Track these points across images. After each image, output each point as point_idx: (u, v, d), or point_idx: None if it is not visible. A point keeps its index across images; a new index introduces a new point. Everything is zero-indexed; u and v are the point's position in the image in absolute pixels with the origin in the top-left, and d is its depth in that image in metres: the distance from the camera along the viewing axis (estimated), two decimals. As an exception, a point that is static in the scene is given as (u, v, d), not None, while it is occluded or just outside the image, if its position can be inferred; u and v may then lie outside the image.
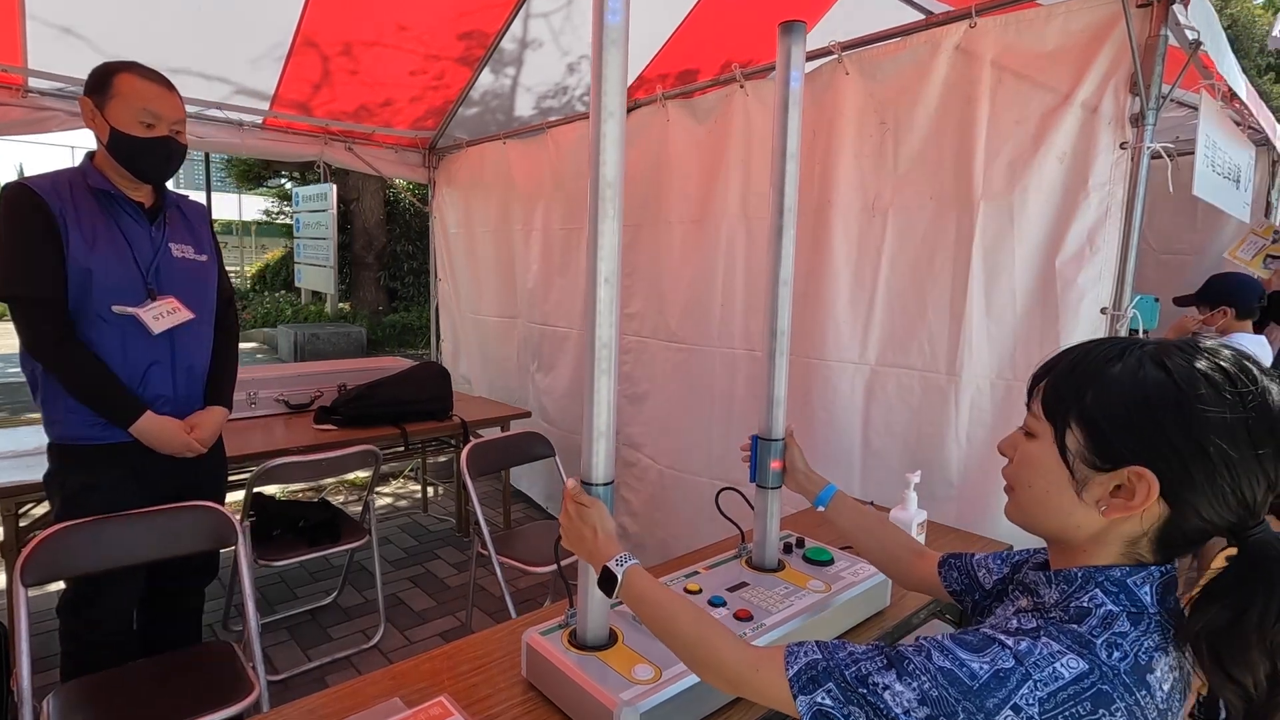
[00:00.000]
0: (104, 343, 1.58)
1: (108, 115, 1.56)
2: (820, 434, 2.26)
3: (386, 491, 4.19)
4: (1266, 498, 0.61)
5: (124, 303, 1.59)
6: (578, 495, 0.99)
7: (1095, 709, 0.58)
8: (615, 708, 0.90)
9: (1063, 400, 0.67)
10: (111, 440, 1.62)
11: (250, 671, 1.59)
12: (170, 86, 1.63)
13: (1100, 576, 0.65)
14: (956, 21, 1.84)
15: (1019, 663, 0.60)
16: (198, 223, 1.81)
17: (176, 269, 1.70)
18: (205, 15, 2.70)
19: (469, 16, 3.06)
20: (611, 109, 0.91)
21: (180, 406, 1.71)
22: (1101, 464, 0.64)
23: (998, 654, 0.61)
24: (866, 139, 2.08)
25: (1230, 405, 0.59)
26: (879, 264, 2.08)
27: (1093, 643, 0.61)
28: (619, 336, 3.42)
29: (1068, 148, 1.68)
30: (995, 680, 0.59)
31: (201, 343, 1.77)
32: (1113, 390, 0.63)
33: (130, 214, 1.63)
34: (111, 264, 1.58)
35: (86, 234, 1.56)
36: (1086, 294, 1.68)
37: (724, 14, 3.20)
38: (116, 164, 1.60)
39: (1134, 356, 0.64)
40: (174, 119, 1.62)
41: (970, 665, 0.61)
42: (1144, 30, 1.51)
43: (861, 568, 1.35)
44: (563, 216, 3.29)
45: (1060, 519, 0.68)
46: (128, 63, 1.60)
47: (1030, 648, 0.61)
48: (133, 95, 1.56)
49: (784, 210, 1.31)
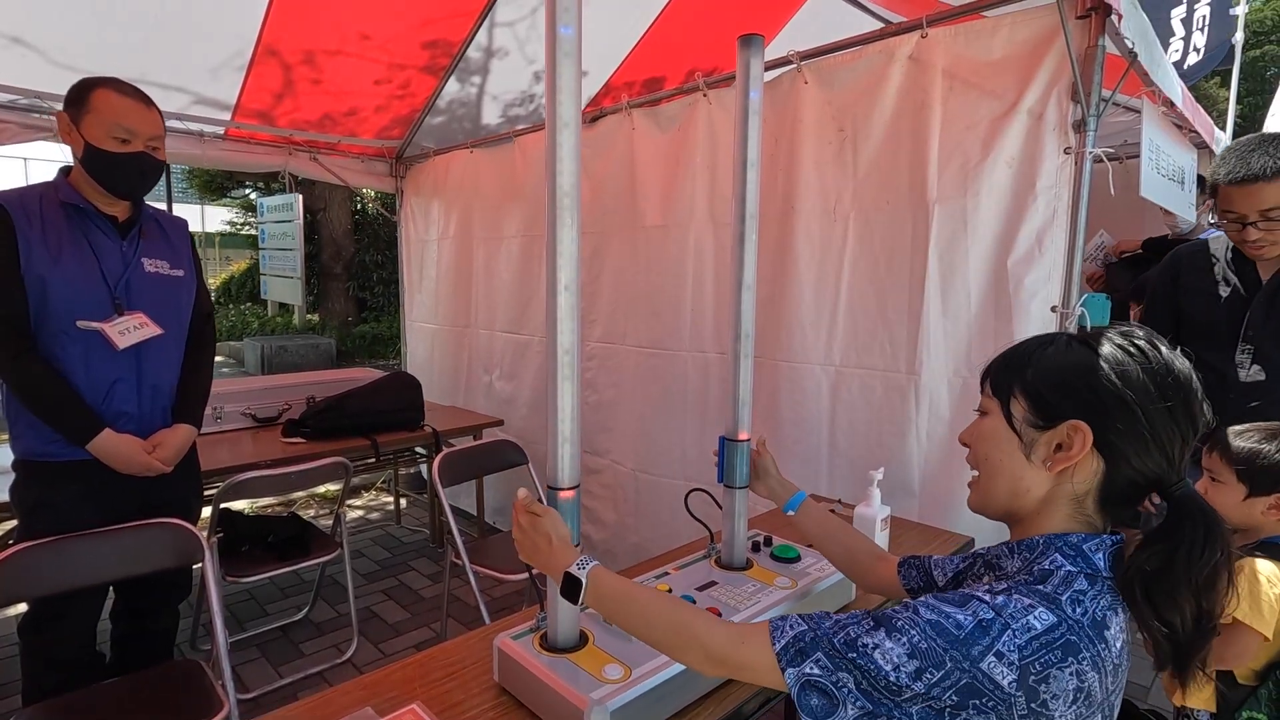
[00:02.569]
0: (67, 358, 1.56)
1: (83, 130, 1.55)
2: (789, 434, 2.30)
3: (358, 504, 4.14)
4: (1183, 452, 0.71)
5: (88, 317, 1.56)
6: (529, 505, 0.99)
7: (1065, 657, 0.64)
8: (586, 707, 0.91)
9: (1007, 377, 0.77)
10: (70, 457, 1.59)
11: (219, 689, 1.57)
12: (148, 102, 1.62)
13: (1059, 542, 0.73)
14: (909, 32, 1.90)
15: (998, 614, 0.65)
16: (177, 238, 1.79)
17: (148, 284, 1.68)
18: (162, 24, 2.66)
19: (433, 25, 3.06)
20: (566, 119, 0.93)
21: (144, 424, 1.69)
22: (1043, 423, 0.74)
23: (978, 607, 0.66)
24: (826, 145, 2.13)
25: (1141, 365, 0.71)
26: (841, 267, 2.13)
27: (1058, 599, 0.67)
28: (585, 345, 3.42)
29: (1016, 153, 1.75)
30: (979, 629, 0.64)
31: (170, 360, 1.75)
32: (1046, 364, 0.75)
33: (101, 228, 1.62)
34: (75, 278, 1.56)
35: (51, 247, 1.54)
36: (1037, 293, 1.74)
37: (688, 23, 3.25)
38: (90, 179, 1.59)
39: (1062, 339, 0.77)
40: (150, 135, 1.61)
41: (955, 616, 0.65)
42: (1082, 41, 1.58)
43: (827, 564, 1.38)
44: (533, 224, 3.31)
45: (1013, 483, 0.76)
46: (106, 78, 1.59)
47: (1006, 601, 0.66)
48: (108, 111, 1.56)
49: (746, 217, 1.34)
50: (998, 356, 0.82)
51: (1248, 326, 1.67)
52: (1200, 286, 1.77)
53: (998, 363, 0.81)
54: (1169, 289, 1.84)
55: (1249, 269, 1.70)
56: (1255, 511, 1.30)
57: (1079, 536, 0.72)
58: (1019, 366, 0.77)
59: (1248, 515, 1.31)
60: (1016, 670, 0.62)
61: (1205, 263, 1.79)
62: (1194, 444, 0.71)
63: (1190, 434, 0.71)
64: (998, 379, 0.79)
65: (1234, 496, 1.31)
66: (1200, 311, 1.76)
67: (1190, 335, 1.78)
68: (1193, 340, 1.78)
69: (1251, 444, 1.31)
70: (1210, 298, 1.75)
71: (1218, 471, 1.34)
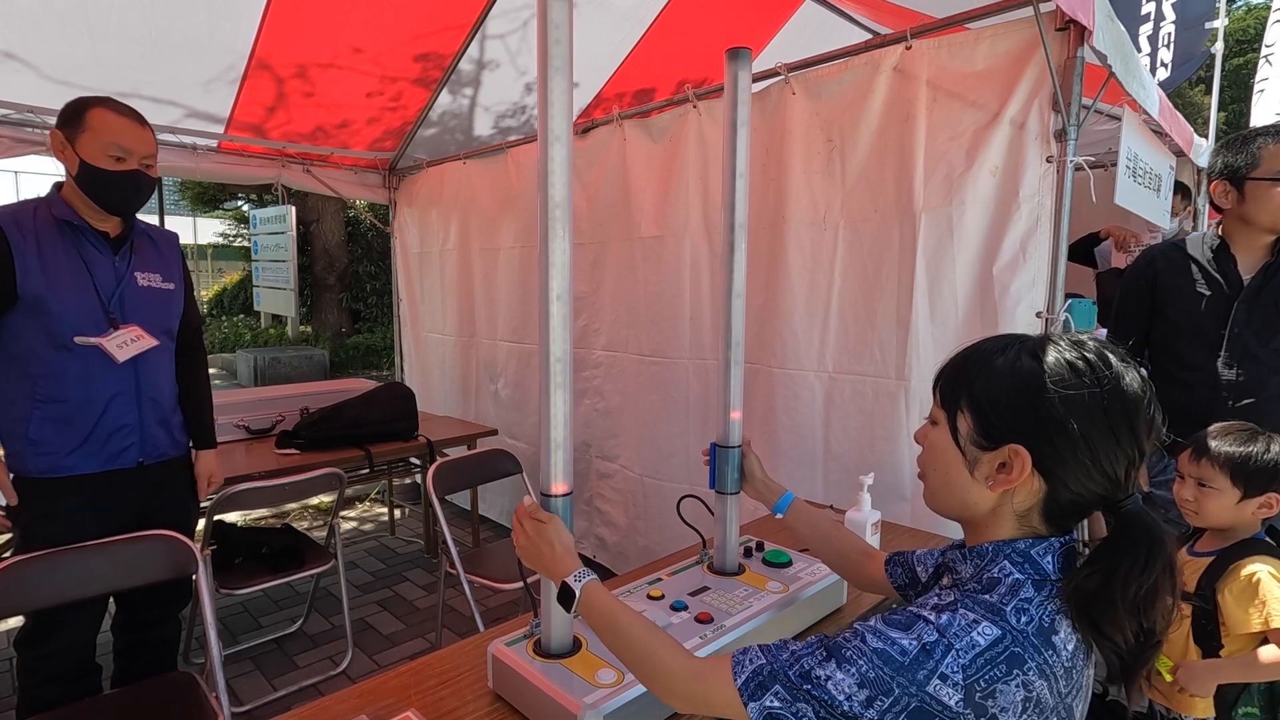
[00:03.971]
0: (67, 373, 1.59)
1: (78, 148, 1.57)
2: (784, 440, 2.32)
3: (352, 515, 4.13)
4: (1130, 472, 0.69)
5: (86, 333, 1.60)
6: (535, 512, 1.00)
7: (1010, 670, 0.64)
8: (579, 712, 0.92)
9: (955, 389, 0.75)
10: (68, 473, 1.61)
11: (214, 702, 1.56)
12: (142, 121, 1.65)
13: (1008, 549, 0.72)
14: (893, 44, 1.94)
15: (941, 635, 0.65)
16: (168, 251, 1.82)
17: (141, 298, 1.71)
18: (155, 39, 2.67)
19: (425, 39, 3.09)
20: (558, 133, 0.95)
21: (144, 434, 1.72)
22: (986, 444, 0.72)
23: (922, 629, 0.66)
24: (815, 155, 2.16)
25: (1089, 388, 0.68)
26: (832, 275, 2.16)
27: (1003, 610, 0.67)
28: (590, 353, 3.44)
29: (999, 162, 1.78)
30: (923, 654, 0.64)
31: (164, 371, 1.78)
32: (994, 379, 0.72)
33: (93, 244, 1.65)
34: (70, 294, 1.59)
35: (46, 265, 1.57)
36: (1022, 299, 1.77)
37: (678, 34, 3.29)
38: (85, 196, 1.61)
39: (1014, 349, 0.73)
40: (145, 153, 1.64)
41: (900, 643, 0.66)
42: (1061, 52, 1.62)
43: (818, 568, 1.39)
44: (525, 234, 3.33)
45: (959, 496, 0.76)
46: (101, 98, 1.62)
47: (950, 620, 0.66)
48: (104, 129, 1.58)
49: (735, 226, 1.37)
50: (950, 361, 0.79)
51: (1232, 325, 1.69)
52: (1180, 285, 1.79)
53: (948, 371, 0.78)
54: (1146, 286, 1.86)
55: (1231, 269, 1.72)
56: (1247, 513, 1.32)
57: (1027, 542, 0.72)
58: (967, 380, 0.74)
59: (1238, 517, 1.33)
60: (962, 690, 0.63)
61: (1183, 261, 1.80)
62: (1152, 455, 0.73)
63: (1138, 454, 0.69)
64: (946, 390, 0.77)
65: (1228, 500, 1.32)
66: (1182, 312, 1.78)
67: (1172, 335, 1.80)
68: (1176, 340, 1.78)
69: (1239, 447, 1.33)
70: (1191, 297, 1.76)
71: (1208, 478, 1.34)
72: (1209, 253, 1.76)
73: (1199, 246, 1.79)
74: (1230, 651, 1.30)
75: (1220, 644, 1.30)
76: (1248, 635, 1.27)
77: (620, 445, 2.98)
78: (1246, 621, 1.25)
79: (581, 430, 3.10)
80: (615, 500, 3.03)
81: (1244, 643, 1.28)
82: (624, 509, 3.00)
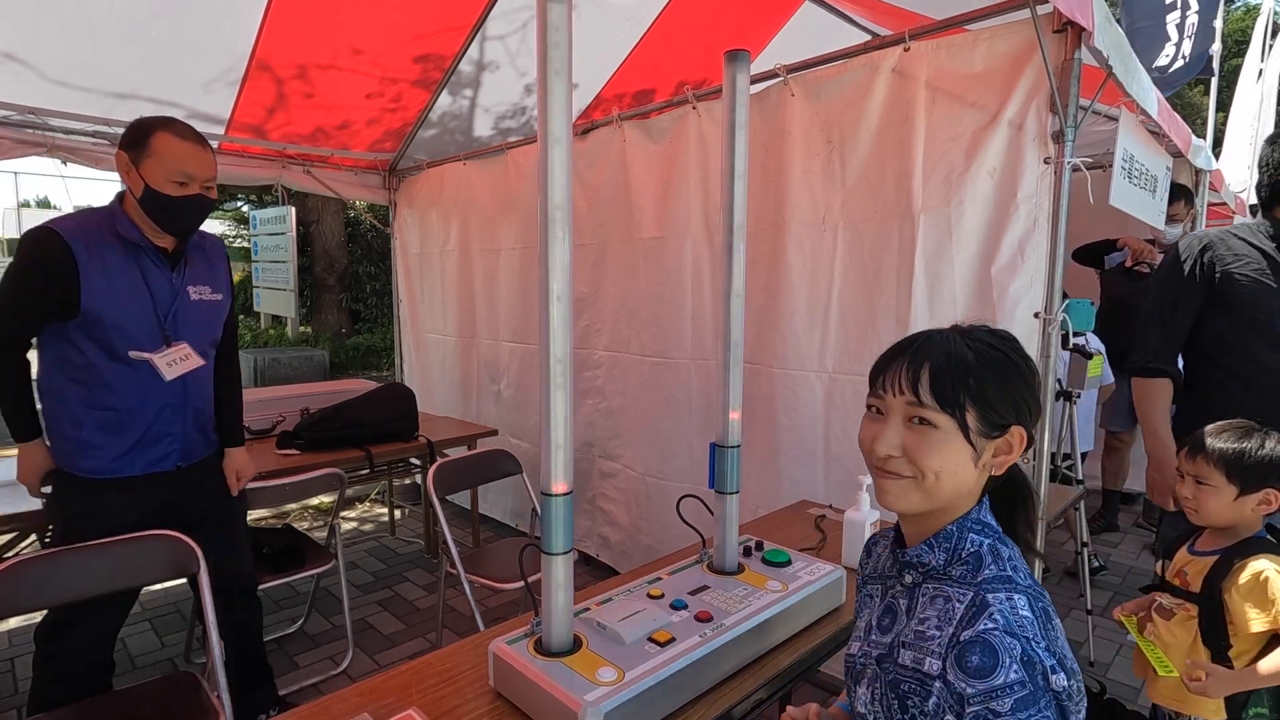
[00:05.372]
0: (122, 384, 1.65)
1: (143, 172, 1.61)
2: (785, 440, 2.33)
3: (352, 516, 4.14)
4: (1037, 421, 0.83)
5: (142, 348, 1.66)
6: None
7: (1049, 620, 0.73)
8: (579, 709, 0.93)
9: (954, 390, 0.77)
10: (114, 475, 1.67)
11: (215, 701, 1.57)
12: (204, 144, 1.69)
13: (966, 522, 0.80)
14: (892, 46, 1.94)
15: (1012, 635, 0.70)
16: (216, 260, 1.87)
17: (192, 311, 1.77)
18: (155, 40, 2.68)
19: (425, 40, 3.09)
20: (558, 135, 0.95)
21: (186, 443, 1.79)
22: (992, 433, 0.78)
23: (998, 645, 0.70)
24: (815, 156, 2.17)
25: (1027, 360, 0.81)
26: (832, 275, 2.17)
27: (1011, 577, 0.76)
28: (592, 353, 3.45)
29: (998, 163, 1.79)
30: (1028, 667, 0.69)
31: (209, 382, 1.85)
32: (983, 372, 0.77)
33: (153, 261, 1.70)
34: (129, 311, 1.64)
35: (109, 280, 1.62)
36: (1021, 300, 1.78)
37: (677, 35, 3.30)
38: (147, 218, 1.66)
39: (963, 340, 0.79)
40: (206, 177, 1.68)
41: (1010, 680, 0.68)
42: (1059, 54, 1.63)
43: (818, 567, 1.40)
44: (526, 235, 3.34)
45: (959, 488, 0.79)
46: (164, 119, 1.65)
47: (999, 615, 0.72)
48: (169, 155, 1.61)
49: (734, 228, 1.37)
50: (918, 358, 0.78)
51: None
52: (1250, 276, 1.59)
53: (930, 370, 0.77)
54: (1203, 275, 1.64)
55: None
56: (1245, 510, 1.32)
57: (974, 510, 0.80)
58: (960, 375, 0.76)
59: (1238, 514, 1.33)
60: (1060, 668, 0.69)
61: (1244, 250, 1.61)
62: None
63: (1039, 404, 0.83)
64: (941, 390, 0.76)
65: (1225, 498, 1.33)
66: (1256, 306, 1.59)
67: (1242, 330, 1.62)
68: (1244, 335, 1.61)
69: (1233, 444, 1.33)
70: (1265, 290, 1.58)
71: (1205, 475, 1.34)
72: (1270, 242, 1.59)
73: (1254, 236, 1.62)
74: (1239, 651, 1.29)
75: (1228, 643, 1.30)
76: (1256, 634, 1.27)
77: (622, 445, 2.99)
78: (1256, 620, 1.25)
79: (584, 430, 3.11)
80: (618, 500, 3.04)
81: (1253, 641, 1.28)
82: (627, 508, 3.01)
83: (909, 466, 0.79)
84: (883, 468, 0.81)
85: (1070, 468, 2.70)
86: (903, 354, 0.80)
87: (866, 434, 0.83)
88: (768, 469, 2.39)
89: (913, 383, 0.78)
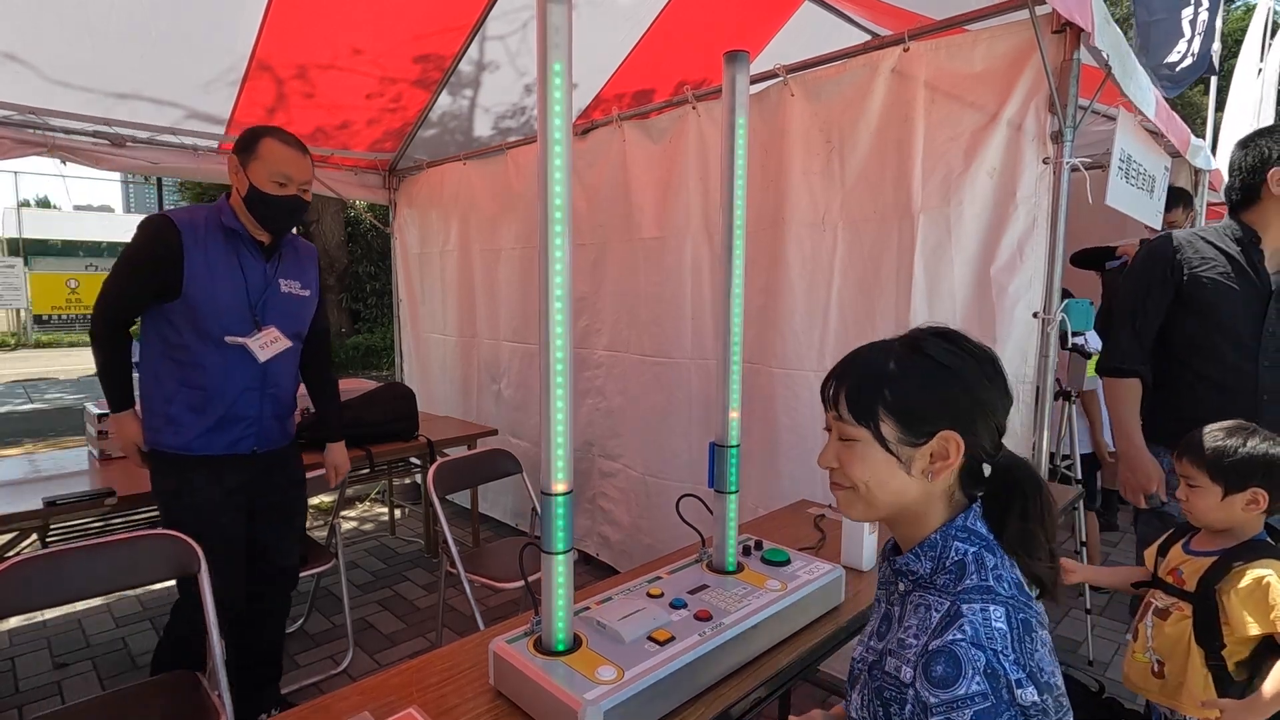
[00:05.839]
0: (212, 365, 1.78)
1: (249, 173, 1.77)
2: (785, 440, 2.33)
3: (352, 515, 4.14)
4: (1003, 421, 0.82)
5: (234, 332, 1.78)
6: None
7: (1028, 632, 0.72)
8: (580, 708, 0.93)
9: (867, 403, 0.79)
10: (195, 452, 1.79)
11: (215, 700, 1.57)
12: (304, 151, 1.83)
13: (950, 530, 0.80)
14: (892, 46, 1.95)
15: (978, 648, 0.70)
16: (307, 262, 2.00)
17: (281, 302, 1.88)
18: (156, 41, 2.68)
19: (425, 40, 3.10)
20: (558, 136, 0.96)
21: (261, 427, 1.88)
22: (916, 440, 0.78)
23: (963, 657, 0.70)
24: (814, 156, 2.17)
25: (966, 361, 0.79)
26: (831, 275, 2.17)
27: (991, 587, 0.75)
28: (592, 353, 3.45)
29: (997, 163, 1.79)
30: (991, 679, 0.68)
31: (290, 371, 1.96)
32: (902, 382, 0.78)
33: (250, 251, 1.83)
34: (226, 295, 1.78)
35: (211, 266, 1.76)
36: (1019, 300, 1.78)
37: (677, 35, 3.30)
38: (249, 214, 1.80)
39: (897, 350, 0.80)
40: (303, 180, 1.82)
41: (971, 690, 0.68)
42: (1058, 55, 1.63)
43: (817, 566, 1.40)
44: (526, 235, 3.34)
45: (898, 497, 0.80)
46: (272, 128, 1.81)
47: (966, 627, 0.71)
48: (272, 159, 1.76)
49: (733, 228, 1.37)
50: (843, 376, 0.82)
51: (1268, 323, 1.59)
52: (1213, 277, 1.62)
53: (847, 390, 0.80)
54: (1170, 277, 1.67)
55: (1259, 263, 1.60)
56: (1235, 510, 1.32)
57: (961, 517, 0.80)
58: (874, 388, 0.79)
59: (1229, 515, 1.33)
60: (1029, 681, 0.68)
61: (1210, 252, 1.64)
62: None
63: (1009, 397, 0.81)
64: (856, 404, 0.79)
65: (1212, 498, 1.33)
66: (1218, 307, 1.61)
67: (1207, 331, 1.65)
68: (1211, 336, 1.64)
69: (1217, 443, 1.33)
70: (1227, 291, 1.61)
71: (1192, 476, 1.35)
72: (1234, 245, 1.62)
73: (1220, 239, 1.64)
74: (1232, 652, 1.29)
75: (1222, 644, 1.30)
76: (1250, 637, 1.27)
77: (623, 444, 2.99)
78: (1254, 625, 1.25)
79: (584, 430, 3.11)
80: (618, 499, 3.04)
81: (1247, 645, 1.28)
82: (627, 508, 3.01)
83: (844, 478, 0.83)
84: (831, 480, 0.85)
85: (1069, 467, 2.71)
86: (832, 373, 0.84)
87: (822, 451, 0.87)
88: (767, 468, 2.39)
89: (834, 400, 0.82)
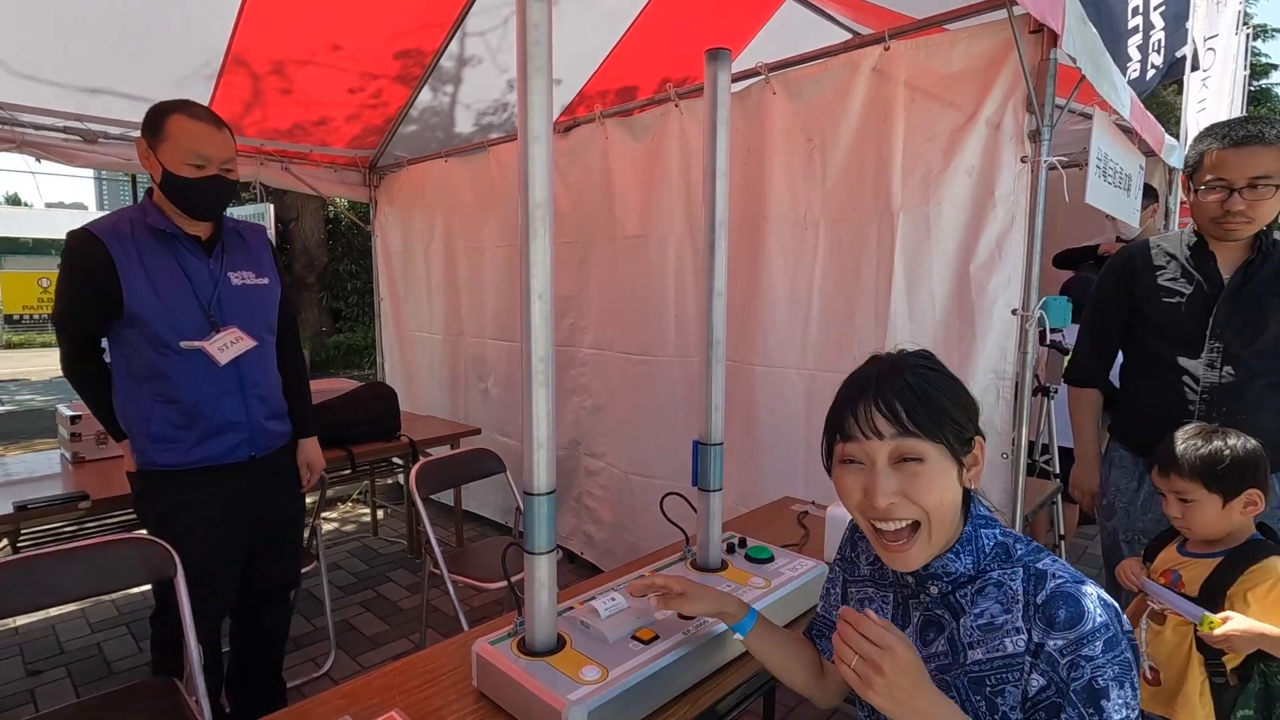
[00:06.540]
0: (178, 376, 1.66)
1: (160, 156, 1.61)
2: (766, 437, 2.34)
3: (334, 516, 4.10)
4: None
5: (190, 338, 1.66)
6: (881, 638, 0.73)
7: None
8: (563, 708, 0.93)
9: (933, 420, 0.79)
10: (191, 466, 1.70)
11: (193, 706, 1.55)
12: (220, 124, 1.67)
13: (974, 523, 0.84)
14: (872, 45, 1.96)
15: (1075, 580, 0.76)
16: (256, 246, 1.85)
17: (237, 297, 1.75)
18: (128, 35, 2.62)
19: (405, 35, 3.06)
20: (538, 133, 0.95)
21: (253, 430, 1.78)
22: (965, 448, 0.82)
23: (1076, 593, 0.75)
24: (796, 155, 2.18)
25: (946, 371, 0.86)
26: (812, 273, 2.18)
27: (1040, 547, 0.82)
28: (578, 351, 3.43)
29: (975, 162, 1.81)
30: (1104, 628, 0.73)
31: (267, 366, 1.83)
32: (949, 398, 0.82)
33: (189, 249, 1.69)
34: (173, 303, 1.65)
35: (149, 275, 1.63)
36: (998, 297, 1.80)
37: (660, 32, 3.29)
38: (170, 203, 1.66)
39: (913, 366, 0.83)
40: (223, 158, 1.66)
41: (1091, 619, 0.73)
42: (1035, 54, 1.65)
43: (800, 563, 1.41)
44: (510, 233, 3.32)
45: (953, 512, 0.82)
46: (180, 102, 1.64)
47: (1067, 575, 0.77)
48: (183, 137, 1.60)
49: (715, 225, 1.38)
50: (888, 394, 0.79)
51: (1213, 325, 1.61)
52: (1160, 284, 1.68)
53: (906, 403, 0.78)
54: (1125, 286, 1.74)
55: (1210, 267, 1.63)
56: (1234, 515, 1.29)
57: (973, 509, 0.85)
58: (939, 406, 0.79)
59: (1229, 521, 1.29)
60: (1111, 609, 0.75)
61: (1162, 259, 1.70)
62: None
63: None
64: (925, 424, 0.78)
65: (1212, 509, 1.29)
66: (1163, 313, 1.67)
67: (1152, 336, 1.71)
68: (1154, 341, 1.70)
69: (1200, 451, 1.30)
70: (1171, 296, 1.66)
71: (1185, 490, 1.30)
72: (1186, 251, 1.66)
73: (1177, 245, 1.69)
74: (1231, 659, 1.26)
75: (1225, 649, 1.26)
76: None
77: (607, 443, 2.99)
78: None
79: (570, 428, 3.11)
80: (602, 497, 3.04)
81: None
82: (610, 506, 3.01)
83: (909, 508, 0.78)
84: (887, 517, 0.79)
85: (1048, 462, 2.75)
86: (862, 395, 0.80)
87: (853, 488, 0.81)
88: (750, 466, 2.40)
89: (893, 419, 0.77)
